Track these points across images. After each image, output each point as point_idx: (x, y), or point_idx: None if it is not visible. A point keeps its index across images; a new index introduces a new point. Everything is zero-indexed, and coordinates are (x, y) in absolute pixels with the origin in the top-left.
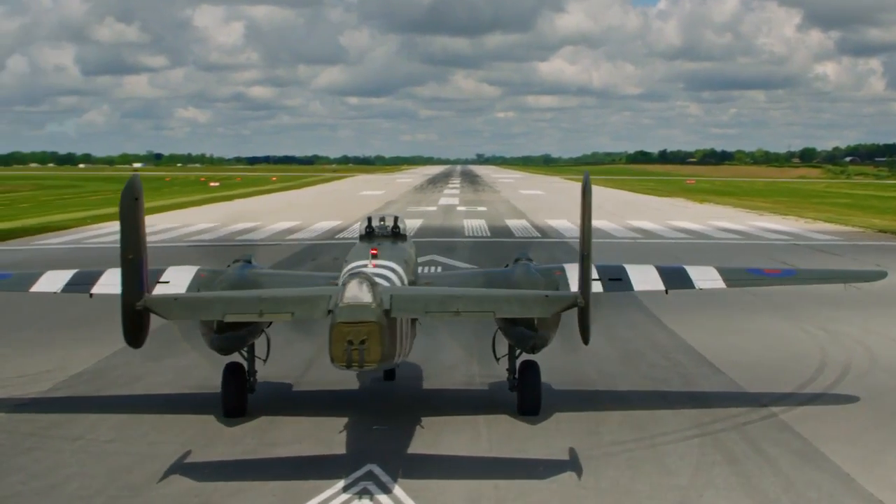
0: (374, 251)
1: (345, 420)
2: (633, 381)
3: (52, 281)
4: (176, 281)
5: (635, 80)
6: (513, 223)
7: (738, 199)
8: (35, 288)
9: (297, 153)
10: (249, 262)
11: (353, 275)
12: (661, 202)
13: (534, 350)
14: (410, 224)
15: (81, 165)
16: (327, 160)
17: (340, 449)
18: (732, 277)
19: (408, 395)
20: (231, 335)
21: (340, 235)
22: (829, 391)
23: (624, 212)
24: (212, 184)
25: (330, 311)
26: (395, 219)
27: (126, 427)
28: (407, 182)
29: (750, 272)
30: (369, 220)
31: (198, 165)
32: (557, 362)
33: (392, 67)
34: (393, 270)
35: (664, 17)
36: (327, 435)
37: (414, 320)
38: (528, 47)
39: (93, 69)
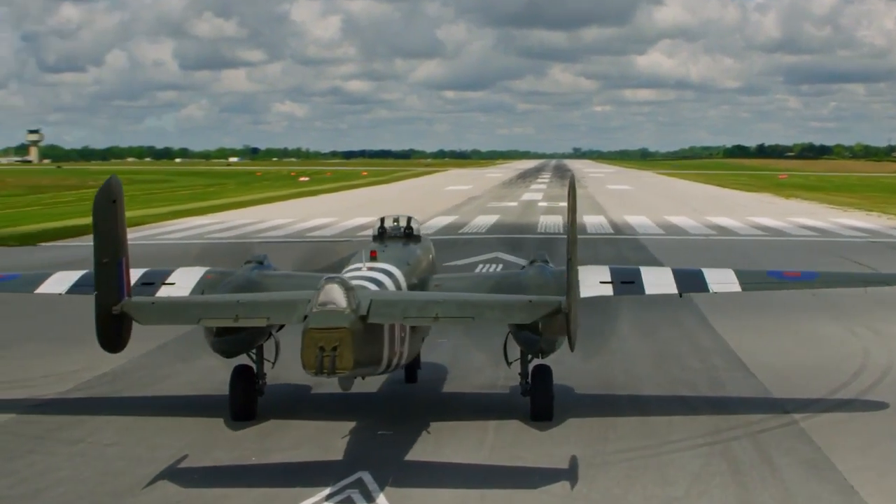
0: (374, 253)
1: (352, 424)
2: (659, 385)
3: (59, 282)
4: (182, 283)
5: (733, 74)
6: (590, 220)
7: (826, 195)
8: (41, 289)
9: (394, 147)
10: (262, 263)
11: (329, 279)
12: (748, 197)
13: (541, 354)
14: (485, 220)
15: (178, 160)
16: (423, 154)
17: (338, 455)
18: (749, 281)
19: (424, 399)
20: (231, 338)
21: None
22: (859, 397)
23: (707, 208)
24: (301, 178)
25: (306, 317)
26: (409, 219)
27: (131, 430)
28: (496, 177)
29: (770, 275)
30: (382, 220)
31: (293, 160)
32: (586, 365)
33: (489, 61)
34: (388, 273)
35: (763, 9)
36: (329, 440)
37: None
38: (625, 41)
39: (191, 64)
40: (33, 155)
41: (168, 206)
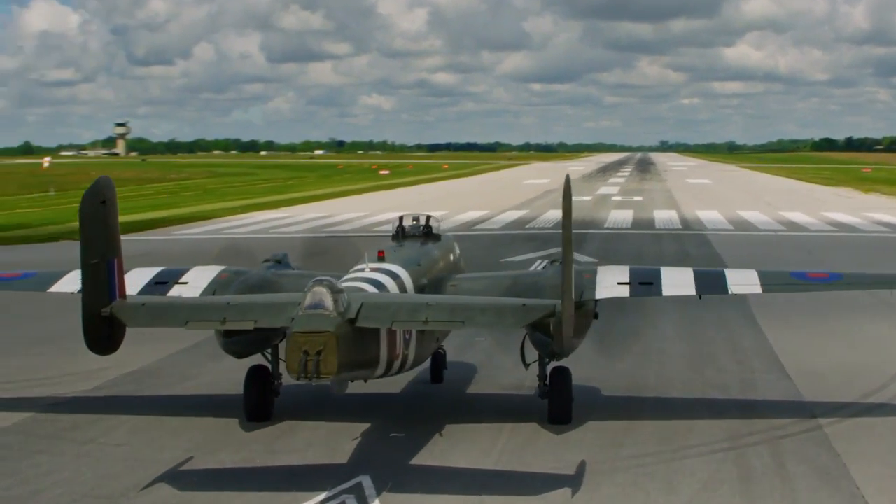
0: (381, 253)
1: (366, 426)
2: (689, 387)
3: (73, 281)
4: (195, 282)
5: (822, 66)
6: (660, 214)
7: None
8: (54, 288)
9: (480, 140)
10: (280, 262)
11: (317, 281)
12: (826, 192)
13: (555, 357)
14: (555, 215)
15: (263, 153)
16: (509, 147)
17: (343, 458)
18: (771, 282)
19: (445, 400)
20: (240, 339)
21: (479, 227)
22: (892, 401)
23: (782, 202)
24: (381, 172)
25: (293, 320)
26: (428, 218)
27: (144, 430)
28: (578, 170)
29: (793, 276)
30: (401, 219)
31: (378, 152)
32: (619, 365)
33: (576, 53)
34: (392, 274)
35: (852, 1)
36: (339, 442)
37: None
38: (713, 33)
39: (278, 57)
40: (120, 147)
41: (244, 200)
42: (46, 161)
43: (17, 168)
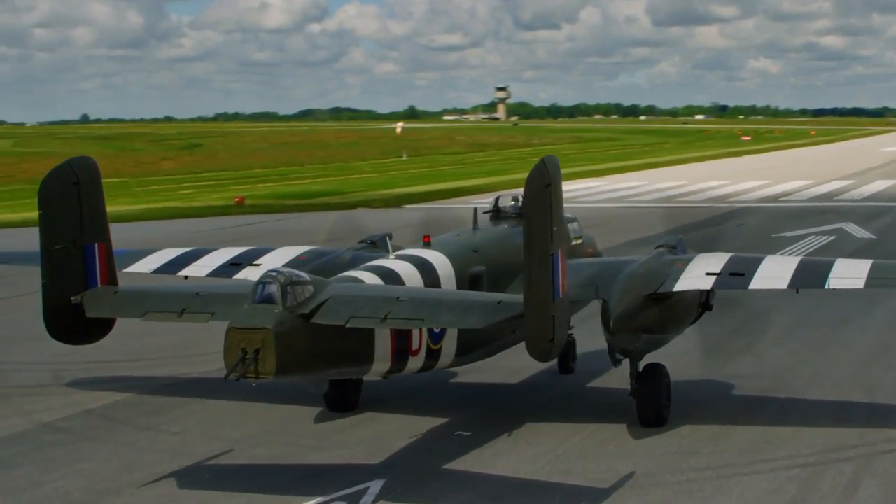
0: (426, 238)
1: (442, 421)
2: (835, 388)
3: (151, 262)
4: (270, 263)
5: None
6: None
7: None
8: (132, 268)
9: (867, 105)
10: (374, 243)
11: (270, 272)
12: None
13: (626, 354)
14: (878, 186)
15: (642, 117)
16: None
17: (379, 458)
18: (881, 276)
19: (550, 394)
20: None
21: (786, 198)
22: None
23: None
24: (744, 138)
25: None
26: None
27: (215, 417)
28: None
29: None
30: (497, 199)
31: (760, 118)
32: (783, 360)
33: None
34: (419, 263)
35: None
36: (392, 440)
37: None
38: None
39: (664, 20)
40: (501, 112)
41: (577, 167)
42: (399, 127)
43: (387, 133)
